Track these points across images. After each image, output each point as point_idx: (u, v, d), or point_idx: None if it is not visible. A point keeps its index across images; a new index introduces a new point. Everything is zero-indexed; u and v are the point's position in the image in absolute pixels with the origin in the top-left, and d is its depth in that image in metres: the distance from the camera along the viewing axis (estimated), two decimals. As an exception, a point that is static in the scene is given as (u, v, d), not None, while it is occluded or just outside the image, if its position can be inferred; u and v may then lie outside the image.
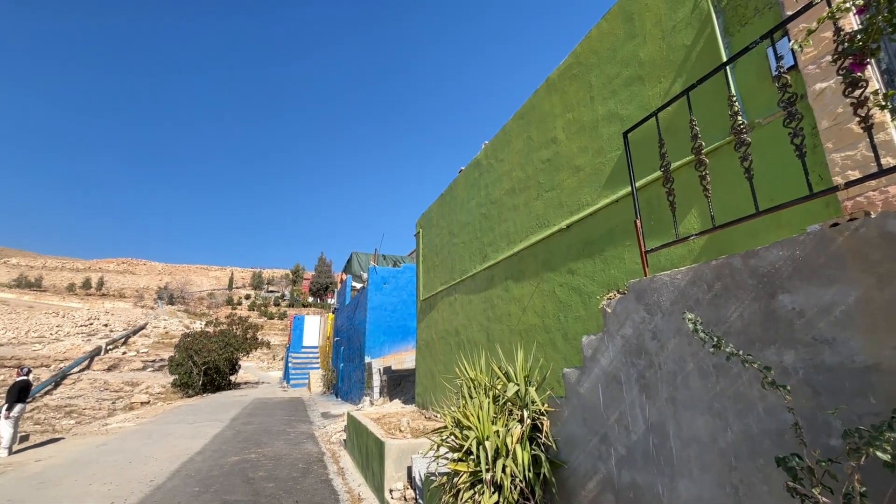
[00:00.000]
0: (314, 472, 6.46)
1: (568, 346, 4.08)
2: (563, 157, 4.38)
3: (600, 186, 3.86)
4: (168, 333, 40.59)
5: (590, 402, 2.47)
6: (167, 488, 5.68)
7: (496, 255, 5.55)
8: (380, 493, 5.04)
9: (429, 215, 8.47)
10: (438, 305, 7.50)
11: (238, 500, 5.18)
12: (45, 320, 40.91)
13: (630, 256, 3.46)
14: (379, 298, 14.47)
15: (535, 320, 4.59)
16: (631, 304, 2.21)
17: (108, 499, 5.31)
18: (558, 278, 4.28)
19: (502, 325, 5.28)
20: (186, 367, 22.19)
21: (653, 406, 2.05)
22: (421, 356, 8.17)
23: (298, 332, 31.02)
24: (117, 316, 46.04)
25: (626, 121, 3.60)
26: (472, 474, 2.80)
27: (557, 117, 4.53)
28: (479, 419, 2.90)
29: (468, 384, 3.39)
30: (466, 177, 6.72)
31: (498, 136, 5.80)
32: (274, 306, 75.44)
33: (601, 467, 2.35)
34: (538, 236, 4.64)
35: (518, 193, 5.16)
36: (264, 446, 8.28)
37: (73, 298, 72.48)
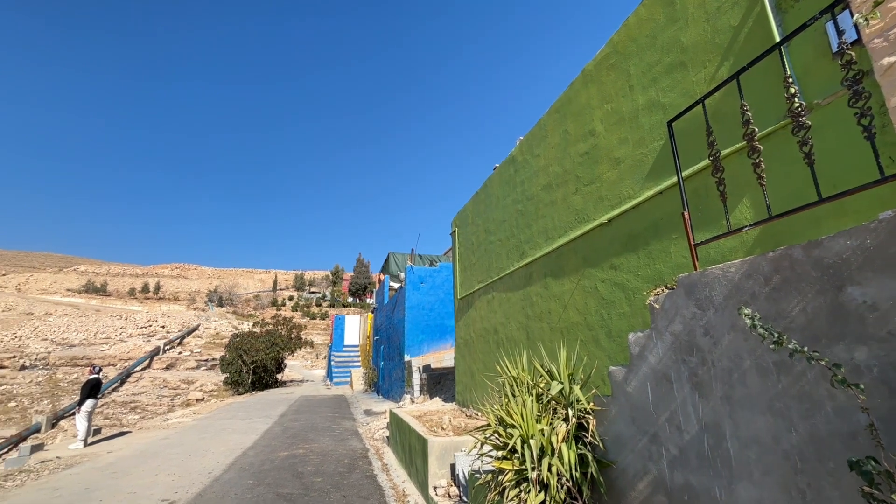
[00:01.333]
0: (359, 467, 6.64)
1: (612, 344, 3.97)
2: (602, 149, 4.26)
3: (642, 178, 3.74)
4: (219, 334, 42.79)
5: (638, 400, 2.40)
6: (224, 480, 6.01)
7: (534, 252, 5.48)
8: (424, 490, 5.11)
9: (464, 214, 8.48)
10: (476, 304, 7.50)
11: (290, 493, 5.40)
12: (110, 322, 44.15)
13: (676, 250, 3.32)
14: (416, 297, 14.63)
15: (577, 318, 4.50)
16: (680, 300, 2.13)
17: (172, 488, 5.68)
18: (600, 274, 4.18)
19: (542, 323, 5.21)
20: (236, 366, 23.31)
21: (706, 405, 1.96)
22: (460, 355, 8.20)
23: (340, 331, 31.88)
24: (173, 318, 49.01)
25: (668, 109, 3.46)
26: (518, 472, 2.79)
27: (595, 109, 4.42)
28: (522, 417, 2.89)
29: (510, 382, 3.38)
30: (501, 174, 6.68)
31: (533, 132, 5.72)
32: (316, 307, 77.87)
33: (652, 468, 2.28)
34: (578, 232, 4.54)
35: (555, 188, 5.08)
36: (311, 442, 8.58)
37: (134, 302, 77.82)
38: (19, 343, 36.15)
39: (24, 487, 6.10)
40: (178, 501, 5.16)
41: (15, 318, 45.22)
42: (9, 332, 38.96)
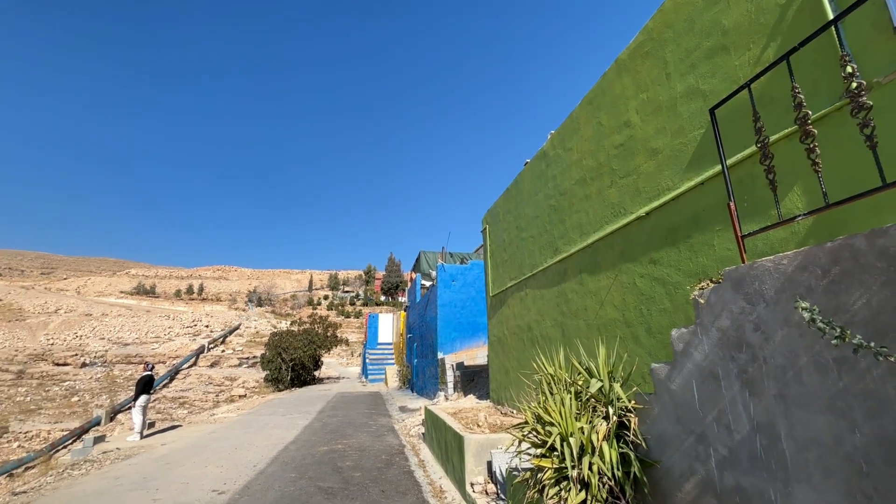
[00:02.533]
0: (397, 463, 6.74)
1: (652, 341, 3.86)
2: (639, 140, 4.14)
3: (682, 169, 3.60)
4: (258, 333, 44.43)
5: (683, 398, 2.32)
6: (268, 473, 6.24)
7: (568, 248, 5.39)
8: (461, 486, 5.14)
9: (495, 211, 8.43)
10: (509, 301, 7.45)
11: (331, 486, 5.56)
12: (159, 322, 46.67)
13: (720, 243, 3.18)
14: (448, 295, 14.68)
15: (615, 314, 4.39)
16: (727, 294, 2.04)
17: (221, 480, 5.96)
18: (639, 269, 4.06)
19: (578, 320, 5.12)
20: (276, 364, 24.15)
21: (758, 404, 1.88)
22: (493, 352, 8.18)
23: (373, 329, 32.44)
24: (216, 318, 51.28)
25: (709, 96, 3.32)
26: (557, 471, 2.75)
27: (630, 99, 4.29)
28: (561, 415, 2.85)
29: (547, 380, 3.34)
30: (532, 169, 6.59)
31: (565, 125, 5.62)
32: (350, 305, 79.53)
33: (699, 468, 2.20)
34: (614, 226, 4.43)
35: (589, 182, 4.97)
36: (349, 437, 8.78)
37: (180, 303, 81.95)
38: (80, 342, 38.81)
39: (89, 476, 6.55)
40: (226, 492, 5.41)
41: (76, 318, 48.58)
42: (70, 331, 41.88)
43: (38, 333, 40.71)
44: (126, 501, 5.22)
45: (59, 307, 59.14)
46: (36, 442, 20.11)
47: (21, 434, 21.02)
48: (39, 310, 57.02)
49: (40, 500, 5.48)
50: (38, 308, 57.89)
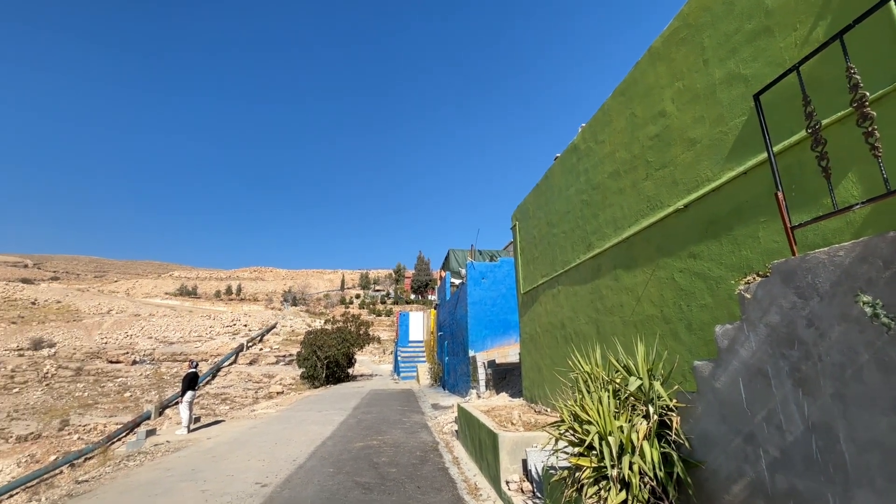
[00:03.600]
0: (431, 460, 6.80)
1: (693, 338, 3.72)
2: (675, 130, 4.00)
3: (722, 159, 3.45)
4: (294, 332, 45.75)
5: (728, 397, 2.24)
6: (307, 468, 6.43)
7: (602, 244, 5.28)
8: (496, 484, 5.13)
9: (524, 207, 8.35)
10: (541, 298, 7.36)
11: (367, 482, 5.67)
12: (201, 322, 48.83)
13: (766, 234, 3.04)
14: (478, 293, 14.66)
15: (652, 310, 4.27)
16: (776, 288, 1.95)
17: (263, 473, 6.19)
18: (677, 264, 3.93)
19: (614, 317, 5.00)
20: (312, 361, 24.81)
21: (813, 404, 1.78)
22: (526, 350, 8.11)
23: (404, 327, 32.80)
24: (253, 317, 53.18)
25: (751, 82, 3.17)
26: (596, 470, 2.71)
27: (665, 88, 4.15)
28: (599, 414, 2.80)
29: (583, 378, 3.29)
30: (563, 163, 6.48)
31: (596, 117, 5.49)
32: (380, 304, 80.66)
33: (748, 470, 2.12)
34: (650, 220, 4.30)
35: (623, 175, 4.84)
36: (384, 434, 8.93)
37: (220, 303, 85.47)
38: (130, 341, 41.14)
39: (143, 467, 6.95)
40: (269, 485, 5.61)
41: (126, 319, 51.52)
42: (122, 331, 44.45)
43: (93, 333, 43.41)
44: (178, 491, 5.51)
45: (111, 308, 62.87)
46: (94, 434, 21.47)
47: (80, 427, 22.49)
48: (94, 311, 60.81)
49: (100, 488, 5.86)
50: (92, 309, 61.76)
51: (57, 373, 31.49)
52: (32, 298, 64.51)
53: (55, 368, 32.01)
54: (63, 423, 22.73)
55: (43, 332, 41.25)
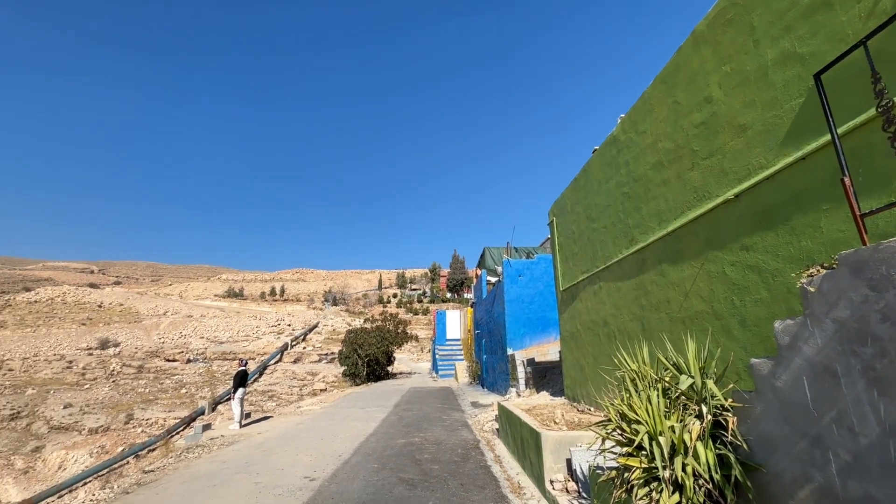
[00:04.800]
0: (473, 457, 6.82)
1: (747, 334, 3.54)
2: (723, 117, 3.80)
3: (777, 144, 3.25)
4: (335, 331, 47.06)
5: (791, 397, 2.11)
6: (352, 463, 6.61)
7: (645, 237, 5.10)
8: (539, 483, 5.08)
9: (562, 202, 8.19)
10: (581, 295, 7.21)
11: (411, 478, 5.76)
12: (248, 322, 51.13)
13: (829, 223, 2.84)
14: (515, 291, 14.53)
15: (702, 306, 4.09)
16: (845, 281, 1.82)
17: (311, 467, 6.41)
18: (728, 257, 3.74)
19: (660, 314, 4.83)
20: (353, 360, 25.43)
21: (890, 404, 1.66)
22: (566, 348, 7.96)
23: (441, 326, 32.99)
24: (296, 317, 55.10)
25: (808, 61, 2.96)
26: (646, 471, 2.63)
27: (710, 73, 3.95)
28: (648, 413, 2.72)
29: (630, 376, 3.20)
30: (602, 156, 6.31)
31: (636, 107, 5.31)
32: (417, 303, 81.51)
33: (816, 475, 1.99)
34: (697, 211, 4.12)
35: (667, 166, 4.66)
36: (425, 431, 9.03)
37: (265, 304, 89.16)
38: (184, 341, 43.66)
39: (201, 459, 7.37)
40: (317, 479, 5.81)
41: (180, 320, 54.75)
42: (176, 332, 47.25)
43: (151, 333, 46.39)
44: (234, 483, 5.81)
45: (166, 310, 66.98)
46: (155, 427, 22.97)
47: (143, 420, 24.14)
48: (151, 312, 64.99)
49: (165, 478, 6.27)
50: (150, 311, 66.02)
51: (121, 370, 33.91)
52: (98, 302, 69.74)
53: (120, 366, 34.48)
54: (128, 416, 24.47)
55: (108, 333, 44.51)
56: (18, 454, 21.44)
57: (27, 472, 20.24)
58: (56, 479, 18.23)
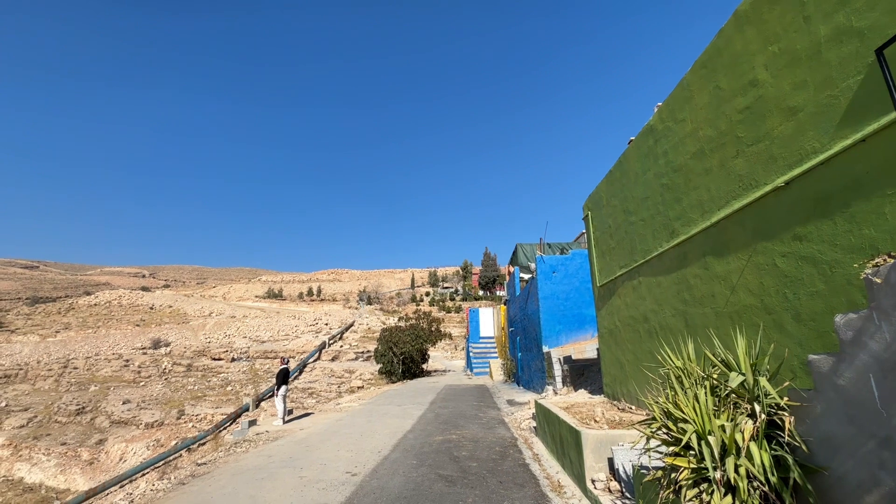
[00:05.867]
0: (511, 455, 6.79)
1: (802, 329, 3.33)
2: (770, 100, 3.60)
3: (833, 127, 3.05)
4: (370, 329, 47.92)
5: (856, 395, 1.98)
6: (392, 459, 6.72)
7: (687, 230, 4.90)
8: (580, 482, 5.00)
9: (597, 196, 8.00)
10: (619, 291, 7.02)
11: (450, 475, 5.80)
12: (287, 322, 52.86)
13: (894, 210, 2.64)
14: (549, 287, 14.31)
15: (750, 300, 3.89)
16: (915, 271, 1.69)
17: (352, 463, 6.57)
18: (779, 248, 3.54)
19: (704, 308, 4.63)
20: (388, 357, 25.83)
21: (972, 404, 1.53)
22: (605, 345, 7.78)
23: (475, 324, 32.96)
24: (333, 316, 56.50)
25: (867, 35, 2.76)
26: (695, 471, 2.54)
27: (755, 55, 3.75)
28: (696, 412, 2.62)
29: (675, 374, 3.10)
30: (638, 147, 6.12)
31: (674, 94, 5.11)
32: (450, 301, 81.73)
33: (885, 479, 1.86)
34: (744, 201, 3.92)
35: (709, 155, 4.46)
36: (462, 429, 9.06)
37: (303, 304, 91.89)
38: (229, 340, 45.64)
39: (249, 453, 7.70)
40: (358, 474, 5.95)
41: (224, 320, 57.30)
42: (221, 331, 49.47)
43: (198, 333, 48.79)
44: (280, 476, 6.04)
45: (211, 311, 70.25)
46: (204, 423, 24.15)
47: (193, 416, 25.42)
48: (198, 314, 68.34)
49: (216, 471, 6.60)
50: (196, 312, 69.44)
51: (172, 369, 35.86)
52: (150, 304, 74.03)
53: (171, 365, 36.48)
54: (180, 412, 25.85)
55: (160, 334, 47.17)
56: (84, 446, 23.10)
57: (92, 463, 21.78)
58: (118, 469, 19.54)
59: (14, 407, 28.69)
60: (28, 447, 23.39)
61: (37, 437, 24.38)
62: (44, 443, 23.65)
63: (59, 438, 24.10)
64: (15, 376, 35.10)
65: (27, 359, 38.40)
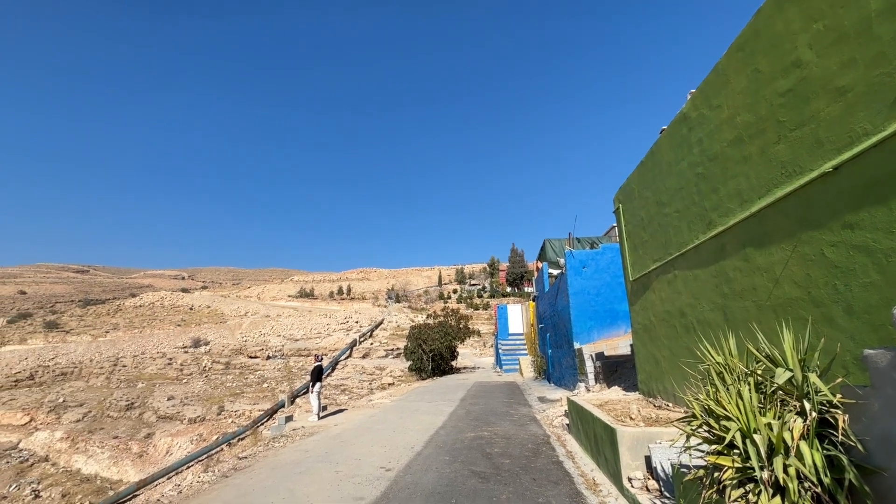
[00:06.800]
0: (544, 453, 6.73)
1: (855, 322, 3.15)
2: (815, 80, 3.41)
3: (886, 106, 2.86)
4: (399, 327, 48.43)
5: (918, 393, 1.86)
6: (424, 455, 6.79)
7: (725, 220, 4.72)
8: (616, 480, 4.91)
9: (628, 188, 7.80)
10: (653, 285, 6.83)
11: (483, 471, 5.81)
12: (319, 320, 54.10)
13: (959, 192, 2.45)
14: (580, 283, 14.07)
15: (796, 292, 3.71)
16: None
17: (386, 458, 6.68)
18: (827, 237, 3.36)
19: (745, 302, 4.45)
20: (418, 354, 26.06)
21: None
22: (639, 341, 7.59)
23: (503, 320, 32.78)
24: (363, 314, 57.43)
25: (924, 5, 2.57)
26: (740, 471, 2.45)
27: (798, 34, 3.56)
28: (739, 409, 2.53)
29: (716, 370, 2.99)
30: (671, 136, 5.92)
31: (709, 80, 4.92)
32: (477, 298, 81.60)
33: (953, 481, 1.74)
34: (787, 188, 3.73)
35: (748, 141, 4.27)
36: (493, 425, 9.05)
37: (334, 303, 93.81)
38: (264, 339, 47.14)
39: (286, 448, 7.95)
40: (392, 470, 6.04)
41: (259, 319, 59.25)
42: (257, 330, 51.15)
43: (235, 332, 50.61)
44: (316, 471, 6.20)
45: (247, 311, 72.74)
46: (243, 419, 25.06)
47: (232, 412, 26.42)
48: (234, 313, 70.90)
49: (257, 465, 6.84)
50: (233, 312, 72.05)
51: (212, 367, 37.35)
52: (190, 305, 77.33)
53: (210, 363, 38.00)
54: (220, 408, 26.90)
55: (199, 333, 49.20)
56: (134, 440, 24.41)
57: (141, 456, 22.99)
58: (165, 462, 20.55)
59: (71, 402, 30.63)
60: (84, 440, 24.93)
61: (91, 431, 25.95)
62: (98, 436, 25.14)
63: (111, 432, 25.56)
64: (71, 374, 37.46)
65: (81, 357, 40.90)
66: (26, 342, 53.44)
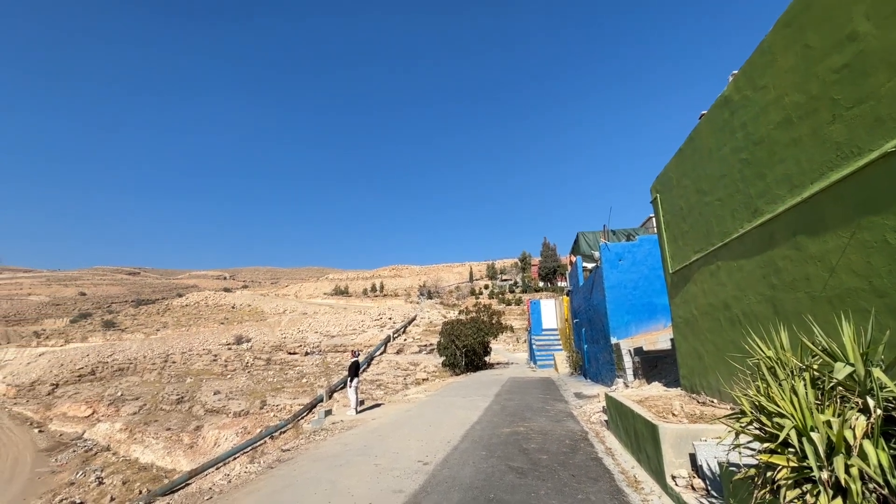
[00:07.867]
0: (582, 449, 6.63)
1: (924, 313, 2.93)
2: (874, 54, 3.17)
3: (958, 78, 2.62)
4: (431, 323, 48.78)
5: None
6: (461, 449, 6.83)
7: (773, 207, 4.47)
8: (659, 478, 4.78)
9: (665, 177, 7.52)
10: (695, 277, 6.56)
11: (520, 466, 5.79)
12: (354, 317, 55.27)
13: None
14: (616, 276, 13.71)
15: (855, 282, 3.48)
16: None
17: (423, 452, 6.77)
18: (890, 222, 3.12)
19: (797, 293, 4.21)
20: (451, 350, 26.19)
21: None
22: (681, 335, 7.32)
23: (536, 315, 32.39)
24: (396, 311, 58.23)
25: None
26: (796, 470, 2.33)
27: (854, 4, 3.32)
28: (794, 405, 2.40)
29: (766, 364, 2.85)
30: (712, 121, 5.66)
31: (752, 60, 4.66)
32: (509, 293, 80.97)
33: None
34: (843, 172, 3.50)
35: (798, 123, 4.02)
36: (529, 421, 8.99)
37: (367, 300, 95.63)
38: (302, 335, 48.65)
39: (326, 441, 8.19)
40: (430, 463, 6.12)
41: (297, 317, 61.18)
42: (295, 327, 52.85)
43: (275, 329, 52.46)
44: (356, 464, 6.36)
45: (285, 309, 75.25)
46: (284, 413, 26.01)
47: (274, 406, 27.46)
48: (274, 311, 73.51)
49: (299, 457, 7.09)
50: (272, 310, 74.72)
51: (254, 363, 38.90)
52: (232, 304, 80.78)
53: (252, 359, 39.59)
54: (262, 403, 28.02)
55: (241, 330, 51.33)
56: (185, 431, 25.81)
57: (192, 447, 24.29)
58: (213, 453, 21.62)
59: (128, 396, 32.71)
60: (140, 431, 26.59)
61: (147, 423, 27.63)
62: (153, 428, 26.74)
63: (164, 424, 27.13)
64: (127, 369, 39.98)
65: (135, 354, 43.56)
66: (87, 340, 57.47)
